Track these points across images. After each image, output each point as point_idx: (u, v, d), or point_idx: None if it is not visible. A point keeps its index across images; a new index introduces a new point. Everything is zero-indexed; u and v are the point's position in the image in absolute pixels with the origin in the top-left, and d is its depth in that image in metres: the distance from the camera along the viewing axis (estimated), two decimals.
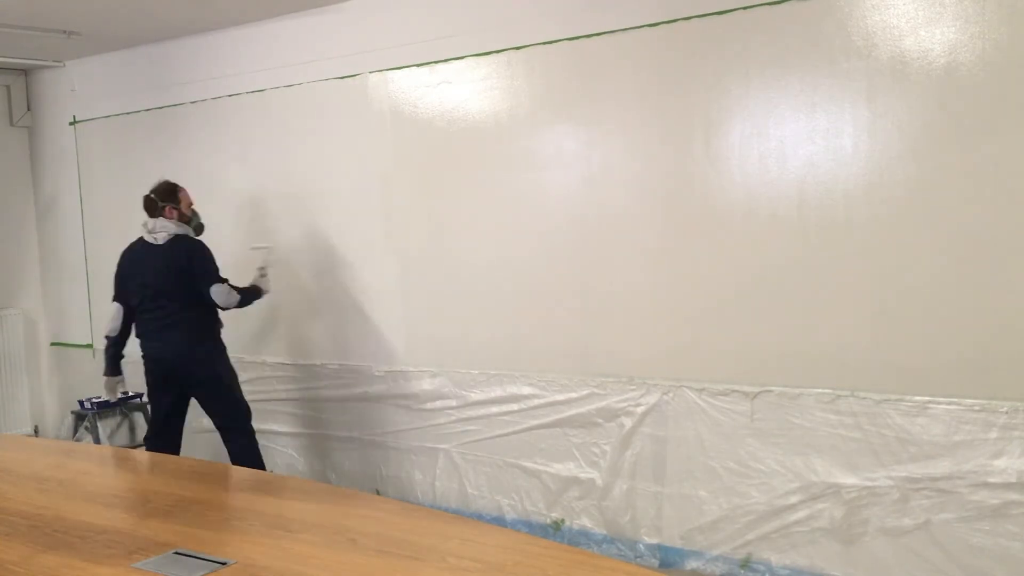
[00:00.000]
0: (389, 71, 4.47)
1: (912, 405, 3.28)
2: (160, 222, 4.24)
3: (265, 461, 4.61)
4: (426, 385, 4.50)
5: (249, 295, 4.35)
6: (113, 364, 4.38)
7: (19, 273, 6.15)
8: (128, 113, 5.59)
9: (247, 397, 4.43)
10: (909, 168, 3.23)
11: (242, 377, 4.57)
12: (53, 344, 6.24)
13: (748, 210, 3.56)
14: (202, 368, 4.25)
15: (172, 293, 4.19)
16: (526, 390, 4.18)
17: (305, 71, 4.78)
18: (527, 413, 4.19)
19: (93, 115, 5.78)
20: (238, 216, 5.08)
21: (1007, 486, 3.13)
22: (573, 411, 4.05)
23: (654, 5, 3.69)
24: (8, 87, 6.06)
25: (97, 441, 5.34)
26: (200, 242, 4.31)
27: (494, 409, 4.29)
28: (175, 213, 4.27)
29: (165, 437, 4.34)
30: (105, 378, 4.41)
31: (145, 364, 4.29)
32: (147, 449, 4.36)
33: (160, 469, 3.02)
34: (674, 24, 3.65)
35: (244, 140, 5.07)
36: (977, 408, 3.17)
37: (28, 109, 6.12)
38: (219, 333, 4.36)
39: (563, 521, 4.14)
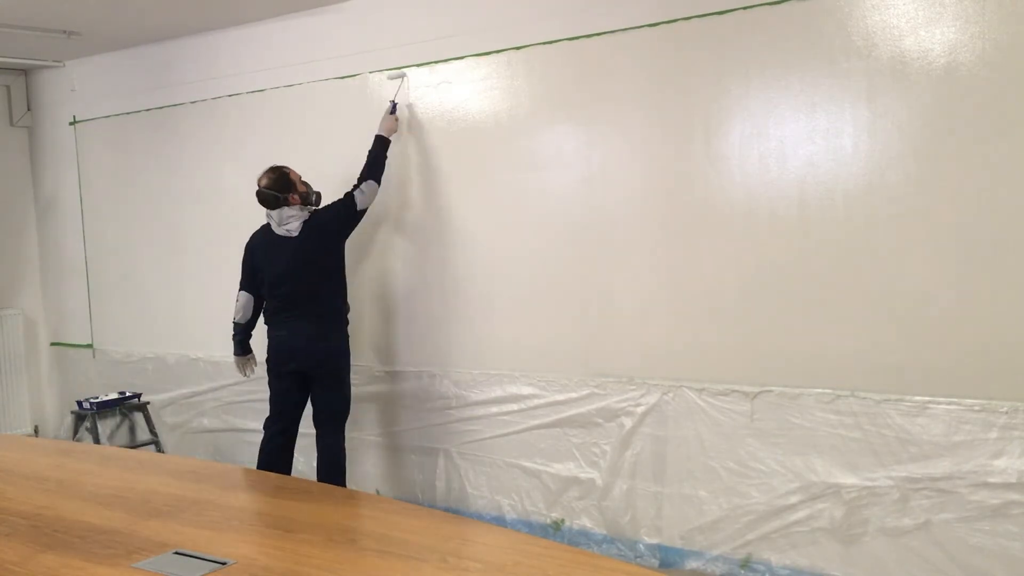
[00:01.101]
0: (389, 71, 4.47)
1: (912, 405, 3.28)
2: (284, 212, 4.16)
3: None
4: (426, 385, 4.50)
5: (377, 167, 4.30)
6: (242, 346, 4.43)
7: (19, 273, 6.15)
8: (128, 113, 5.60)
9: (246, 397, 4.42)
10: (909, 168, 3.23)
11: (244, 377, 4.57)
12: (53, 344, 6.24)
13: (748, 210, 3.56)
14: (326, 363, 4.22)
15: (305, 285, 4.18)
16: (526, 390, 4.18)
17: (305, 71, 4.78)
18: (527, 413, 4.19)
19: (93, 115, 5.78)
20: (237, 215, 5.08)
21: (1007, 486, 3.13)
22: (573, 411, 4.05)
23: (654, 5, 3.69)
24: (8, 87, 6.06)
25: (97, 441, 5.34)
26: (321, 211, 4.25)
27: (494, 409, 4.29)
28: (296, 199, 4.19)
29: (283, 422, 4.28)
30: (236, 358, 4.47)
31: (269, 351, 4.27)
32: (265, 431, 4.31)
33: (160, 469, 3.02)
34: (674, 24, 3.65)
35: (244, 140, 5.07)
36: (977, 408, 3.17)
37: (28, 109, 6.12)
38: (347, 324, 4.32)
39: (563, 521, 4.14)
